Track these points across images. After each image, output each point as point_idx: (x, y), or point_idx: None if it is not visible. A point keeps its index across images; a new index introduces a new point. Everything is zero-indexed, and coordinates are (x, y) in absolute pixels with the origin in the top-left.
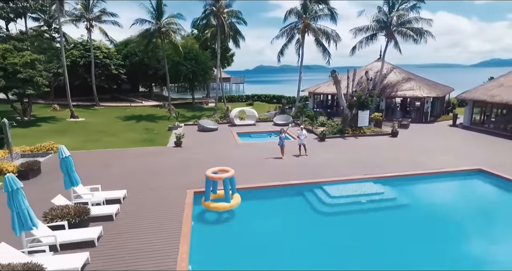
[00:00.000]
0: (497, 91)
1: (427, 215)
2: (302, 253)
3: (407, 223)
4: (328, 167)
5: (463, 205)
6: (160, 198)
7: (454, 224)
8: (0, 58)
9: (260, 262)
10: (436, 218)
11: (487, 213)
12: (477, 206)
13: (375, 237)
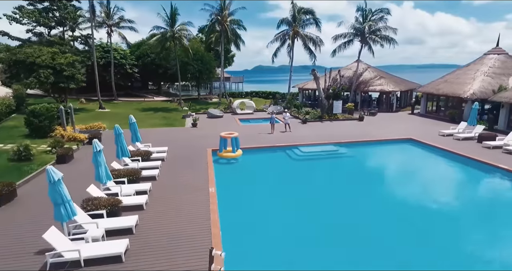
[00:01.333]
0: (442, 86)
1: (364, 162)
2: (282, 180)
3: (349, 165)
4: (305, 138)
5: (390, 157)
6: (191, 152)
7: (382, 167)
8: (50, 59)
9: (255, 186)
10: (369, 163)
11: (405, 161)
12: (400, 158)
13: (326, 172)
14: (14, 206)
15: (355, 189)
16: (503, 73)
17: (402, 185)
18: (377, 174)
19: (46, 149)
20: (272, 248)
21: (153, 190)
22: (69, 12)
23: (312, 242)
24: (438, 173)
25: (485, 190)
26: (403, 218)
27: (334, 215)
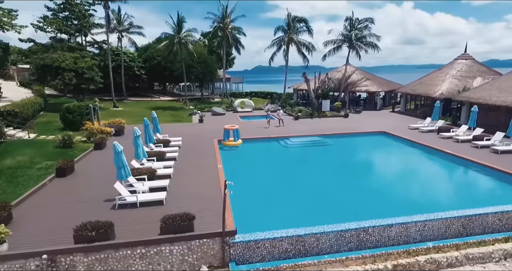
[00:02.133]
0: (417, 87)
1: (341, 149)
2: (274, 162)
3: (328, 151)
4: (295, 131)
5: (364, 146)
6: (201, 141)
7: (356, 153)
8: (72, 64)
9: (252, 165)
10: (345, 150)
11: (375, 148)
12: (371, 146)
13: (309, 156)
14: (75, 176)
15: (332, 169)
16: (469, 76)
17: (369, 165)
18: (350, 158)
19: (82, 139)
20: (261, 202)
21: (175, 166)
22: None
23: (293, 202)
24: (398, 156)
25: (427, 166)
26: (366, 187)
27: (312, 186)
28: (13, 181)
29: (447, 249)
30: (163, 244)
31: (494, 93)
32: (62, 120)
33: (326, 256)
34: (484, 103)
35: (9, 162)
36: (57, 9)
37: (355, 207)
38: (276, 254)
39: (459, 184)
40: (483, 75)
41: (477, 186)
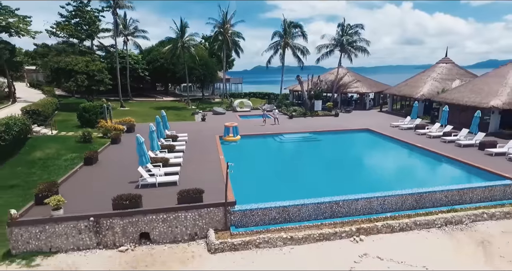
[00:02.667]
0: (402, 88)
1: (328, 143)
2: (268, 154)
3: (317, 146)
4: (289, 128)
5: (348, 141)
6: (204, 137)
7: (341, 146)
8: (84, 67)
9: (249, 157)
10: (332, 144)
11: (359, 143)
12: (355, 141)
13: (300, 149)
14: (99, 164)
15: (317, 159)
16: (448, 78)
17: (350, 156)
18: (335, 150)
19: (98, 135)
20: (256, 183)
21: (184, 156)
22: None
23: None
24: (376, 149)
25: (399, 157)
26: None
27: (299, 171)
28: (46, 169)
29: (401, 217)
30: (180, 211)
31: (466, 94)
32: (79, 118)
33: (305, 222)
34: (457, 104)
35: (39, 154)
36: (69, 16)
37: (333, 187)
38: (266, 220)
39: (422, 170)
40: (461, 77)
41: (436, 171)
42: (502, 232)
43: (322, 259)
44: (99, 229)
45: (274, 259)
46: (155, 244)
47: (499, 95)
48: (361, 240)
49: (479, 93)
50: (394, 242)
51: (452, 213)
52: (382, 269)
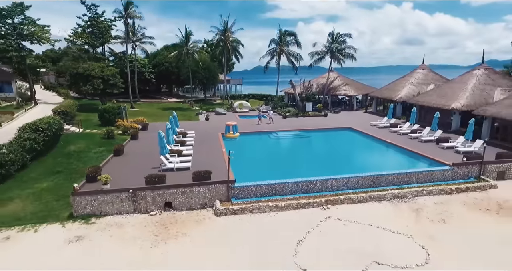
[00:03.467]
0: (384, 91)
1: (315, 139)
2: (262, 148)
3: (305, 141)
4: (282, 127)
5: (332, 137)
6: (208, 134)
7: (324, 141)
8: (100, 72)
9: (246, 150)
10: (317, 140)
11: (340, 139)
12: (337, 137)
13: (289, 144)
14: (126, 155)
15: (304, 150)
16: (424, 83)
17: (330, 148)
18: (319, 144)
19: (118, 132)
20: (251, 169)
21: (193, 149)
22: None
23: (271, 168)
24: (353, 143)
25: (370, 149)
26: (324, 159)
27: (287, 160)
28: (80, 159)
29: (360, 193)
30: (194, 186)
31: (434, 98)
32: (100, 118)
33: (287, 195)
34: (427, 106)
35: (72, 148)
36: (85, 25)
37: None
38: (258, 194)
39: (386, 158)
40: (435, 82)
41: (397, 160)
42: (434, 203)
43: (298, 220)
44: (135, 199)
45: (262, 220)
46: (176, 210)
47: (459, 98)
48: (328, 208)
49: (444, 97)
50: (352, 209)
51: (399, 190)
52: (339, 225)
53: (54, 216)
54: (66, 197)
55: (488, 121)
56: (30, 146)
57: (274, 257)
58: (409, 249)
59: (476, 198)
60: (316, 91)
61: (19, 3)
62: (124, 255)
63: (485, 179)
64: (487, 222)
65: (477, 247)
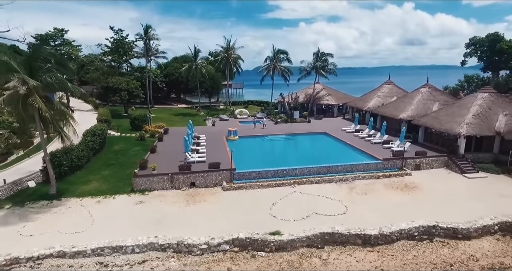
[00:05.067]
0: (358, 102)
1: (296, 140)
2: (256, 147)
3: (289, 142)
4: (273, 131)
5: (309, 139)
6: (216, 136)
7: (303, 142)
8: (125, 85)
9: (244, 148)
10: (299, 141)
11: (315, 140)
12: (313, 139)
13: (277, 144)
14: (158, 153)
15: (287, 148)
16: (389, 95)
17: (307, 146)
18: (299, 144)
19: (146, 135)
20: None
21: (206, 148)
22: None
23: (264, 158)
24: (324, 143)
25: (334, 148)
26: (300, 153)
27: (274, 154)
28: (124, 156)
29: (317, 177)
30: (209, 172)
31: (390, 109)
32: (131, 124)
33: (269, 178)
34: (385, 116)
35: (116, 147)
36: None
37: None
38: (250, 177)
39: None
40: (398, 95)
41: (349, 155)
42: (364, 184)
43: (274, 193)
44: (172, 180)
45: (252, 193)
46: (198, 187)
47: (406, 110)
48: (294, 186)
49: (397, 108)
50: (310, 187)
51: (343, 176)
52: (299, 196)
53: (121, 190)
54: (124, 179)
55: (422, 129)
56: (92, 146)
57: (257, 210)
58: (337, 207)
59: (394, 181)
60: (304, 100)
61: (60, 29)
62: (169, 210)
63: (405, 169)
64: (392, 195)
65: (378, 207)
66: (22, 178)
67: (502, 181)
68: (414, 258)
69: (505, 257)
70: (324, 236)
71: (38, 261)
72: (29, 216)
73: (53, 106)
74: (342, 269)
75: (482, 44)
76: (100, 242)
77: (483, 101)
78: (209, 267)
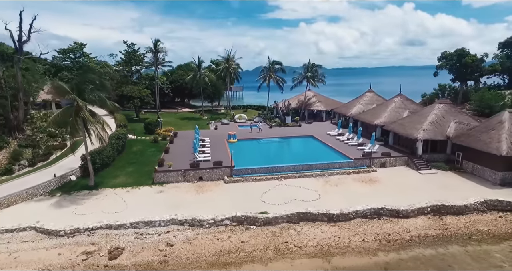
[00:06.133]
0: (342, 108)
1: (288, 142)
2: (252, 148)
3: (281, 144)
4: (267, 134)
5: (298, 142)
6: (218, 139)
7: (292, 143)
8: (138, 93)
9: (242, 148)
10: (289, 143)
11: (302, 143)
12: (301, 142)
13: (271, 146)
14: (171, 153)
15: (279, 149)
16: (369, 103)
17: (295, 147)
18: (289, 146)
19: (159, 138)
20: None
21: (210, 149)
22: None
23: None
24: (310, 145)
25: (317, 149)
26: (293, 151)
27: (267, 155)
28: (143, 156)
29: (300, 173)
30: (214, 169)
31: (368, 116)
32: (145, 128)
33: (262, 174)
34: (364, 121)
35: (134, 148)
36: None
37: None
38: (246, 173)
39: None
40: (377, 103)
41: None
42: (337, 178)
43: (265, 185)
44: (184, 174)
45: (248, 185)
46: (205, 180)
47: (380, 117)
48: (282, 180)
49: (373, 115)
50: (294, 181)
51: (321, 172)
52: (285, 187)
53: (144, 183)
54: (145, 174)
55: (392, 133)
56: (116, 147)
57: (251, 198)
58: (312, 195)
59: (361, 176)
60: (296, 106)
61: (80, 44)
62: (183, 197)
63: (372, 167)
64: (358, 186)
65: (344, 195)
66: (67, 173)
67: (447, 176)
68: (364, 230)
69: (430, 230)
70: (299, 215)
71: (92, 231)
72: (77, 201)
73: (96, 118)
74: (310, 237)
75: (451, 58)
76: (135, 218)
77: (439, 111)
78: (215, 235)
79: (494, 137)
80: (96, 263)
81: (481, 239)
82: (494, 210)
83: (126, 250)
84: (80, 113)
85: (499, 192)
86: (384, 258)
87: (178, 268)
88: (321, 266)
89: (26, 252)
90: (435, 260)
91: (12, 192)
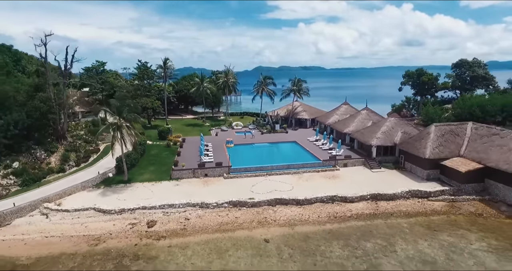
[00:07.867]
0: (321, 118)
1: (276, 147)
2: (246, 151)
3: (270, 148)
4: (259, 140)
5: (283, 147)
6: (219, 143)
7: (278, 148)
8: (150, 104)
9: (238, 152)
10: (276, 147)
11: (286, 147)
12: (286, 146)
13: (261, 150)
14: (182, 156)
15: (268, 152)
16: (344, 114)
17: (280, 151)
18: (276, 149)
19: (171, 143)
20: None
21: (213, 153)
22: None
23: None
24: (291, 149)
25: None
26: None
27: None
28: (159, 158)
29: (281, 171)
30: (216, 168)
31: (340, 125)
32: (159, 135)
33: (253, 172)
34: (337, 129)
35: (152, 152)
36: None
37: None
38: (240, 171)
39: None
40: (351, 113)
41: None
42: (309, 175)
43: (253, 180)
44: (194, 172)
45: (241, 180)
46: (209, 177)
47: (350, 126)
48: (266, 176)
49: (344, 124)
50: (276, 177)
51: (297, 170)
52: (269, 182)
53: (163, 179)
54: (163, 172)
55: (356, 140)
56: (139, 151)
57: (243, 189)
58: (288, 187)
59: (327, 174)
60: (285, 114)
61: (101, 62)
62: (194, 189)
63: (336, 167)
64: (323, 181)
65: (311, 187)
66: (106, 171)
67: (391, 174)
68: (320, 210)
69: (366, 210)
70: (276, 200)
71: (133, 210)
72: (117, 191)
73: (131, 131)
74: (282, 215)
75: (412, 76)
76: (161, 202)
77: (390, 123)
78: (217, 213)
79: (423, 144)
80: (140, 230)
81: (398, 216)
82: (415, 197)
83: (158, 222)
84: (120, 128)
85: (423, 184)
86: (329, 227)
87: (194, 233)
88: (287, 231)
89: (92, 223)
90: (362, 227)
91: (72, 184)
